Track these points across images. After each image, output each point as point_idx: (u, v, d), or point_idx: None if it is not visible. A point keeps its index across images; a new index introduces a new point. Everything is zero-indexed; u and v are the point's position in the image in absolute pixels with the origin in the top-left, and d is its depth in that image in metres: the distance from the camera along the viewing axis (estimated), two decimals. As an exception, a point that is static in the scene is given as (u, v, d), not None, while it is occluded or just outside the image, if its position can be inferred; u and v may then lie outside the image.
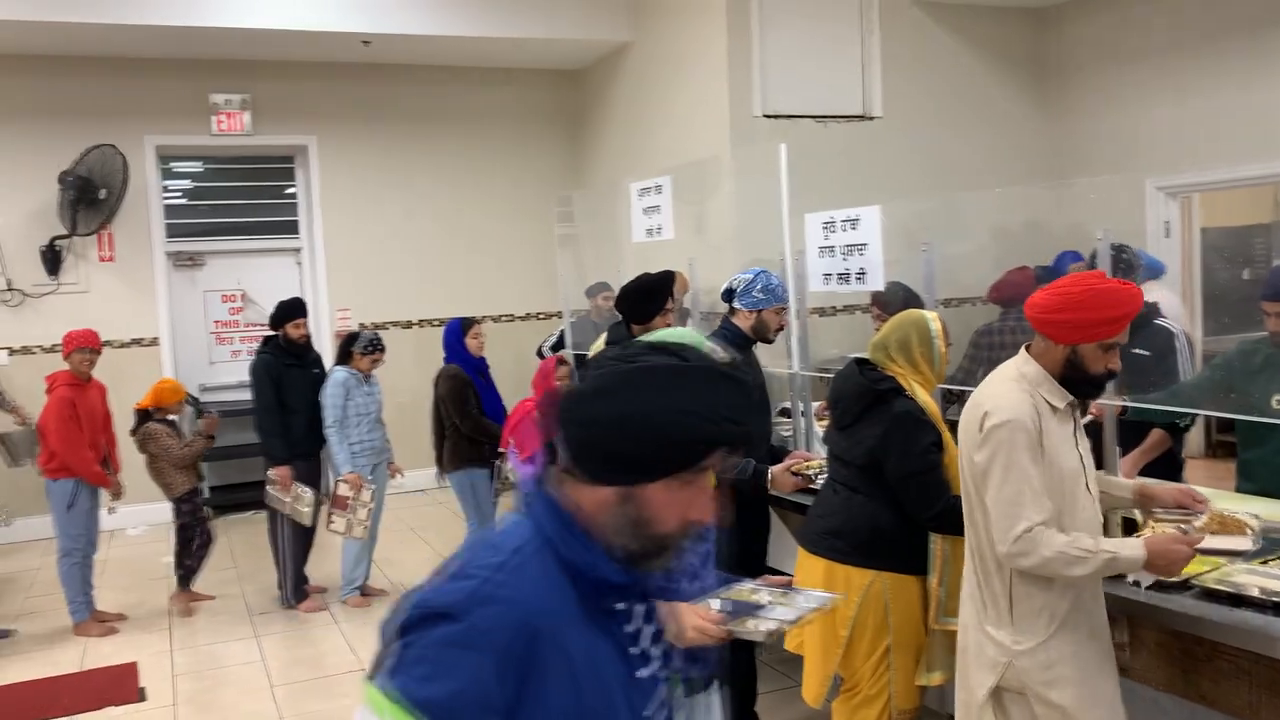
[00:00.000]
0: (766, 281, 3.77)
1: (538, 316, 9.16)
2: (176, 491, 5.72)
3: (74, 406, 5.46)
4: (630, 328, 4.20)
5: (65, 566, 5.60)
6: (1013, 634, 2.47)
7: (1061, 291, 2.45)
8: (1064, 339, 2.44)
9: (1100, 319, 2.40)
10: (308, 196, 8.73)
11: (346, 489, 5.60)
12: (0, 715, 4.57)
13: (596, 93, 9.04)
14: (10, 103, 7.73)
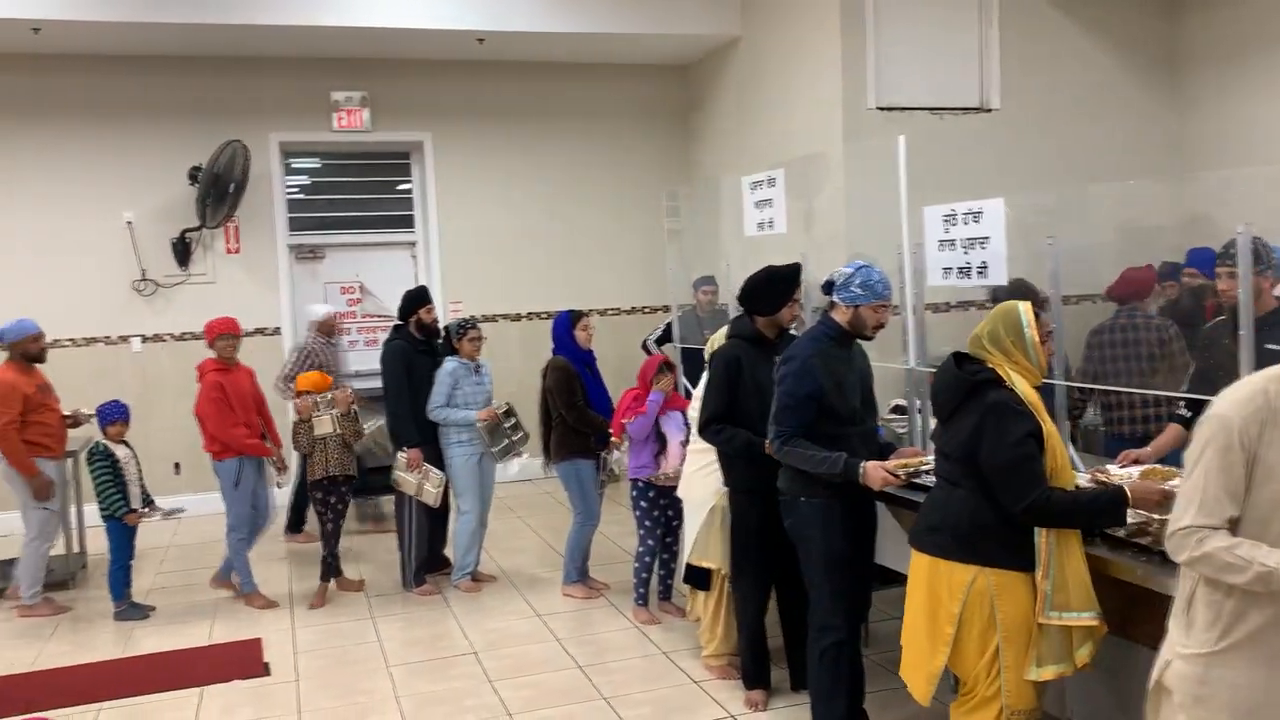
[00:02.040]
0: (866, 277, 3.67)
1: (643, 310, 9.21)
2: (314, 474, 5.89)
3: (222, 389, 5.75)
4: (754, 319, 4.17)
5: (233, 541, 5.90)
6: (1184, 634, 2.32)
7: None
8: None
9: None
10: (422, 191, 8.95)
11: (489, 427, 5.81)
12: (138, 683, 4.81)
13: (705, 88, 9.05)
14: (143, 101, 8.11)
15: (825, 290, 3.78)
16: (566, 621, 5.40)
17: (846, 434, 3.66)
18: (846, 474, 3.49)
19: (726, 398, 4.12)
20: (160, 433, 7.75)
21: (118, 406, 5.77)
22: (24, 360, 5.82)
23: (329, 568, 5.95)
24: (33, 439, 5.71)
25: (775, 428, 3.67)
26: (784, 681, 4.42)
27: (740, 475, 4.20)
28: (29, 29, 7.10)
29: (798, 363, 3.64)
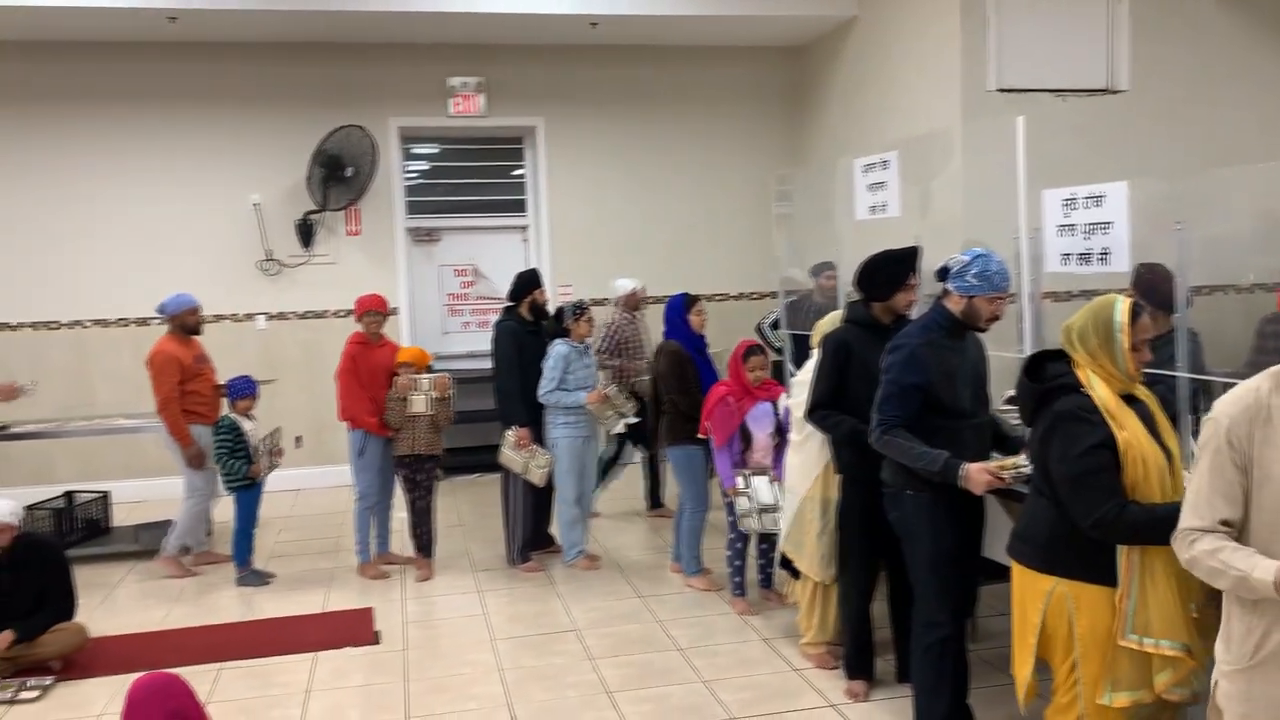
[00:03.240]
0: (983, 267, 3.49)
1: (751, 296, 9.15)
2: (399, 450, 5.99)
3: (355, 362, 5.95)
4: (870, 304, 4.08)
5: (358, 510, 6.11)
6: (1224, 651, 2.25)
7: None
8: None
9: None
10: (535, 176, 9.06)
11: (599, 407, 5.87)
12: (257, 646, 5.02)
13: (818, 69, 8.91)
14: (270, 88, 8.41)
15: (939, 277, 3.63)
16: (668, 604, 5.42)
17: (956, 427, 3.53)
18: (946, 474, 3.37)
19: (834, 383, 4.05)
20: (282, 408, 8.04)
21: (247, 382, 6.02)
22: (182, 332, 6.15)
23: (425, 543, 6.09)
24: (188, 407, 6.03)
25: (876, 416, 3.58)
26: (889, 673, 4.36)
27: (846, 462, 4.13)
28: (166, 19, 7.44)
29: (905, 351, 3.54)
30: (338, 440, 8.53)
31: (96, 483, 7.57)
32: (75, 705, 4.41)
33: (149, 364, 6.02)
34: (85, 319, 8.22)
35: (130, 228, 8.24)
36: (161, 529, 6.78)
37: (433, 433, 5.93)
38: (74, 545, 6.51)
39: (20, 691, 4.50)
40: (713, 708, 4.18)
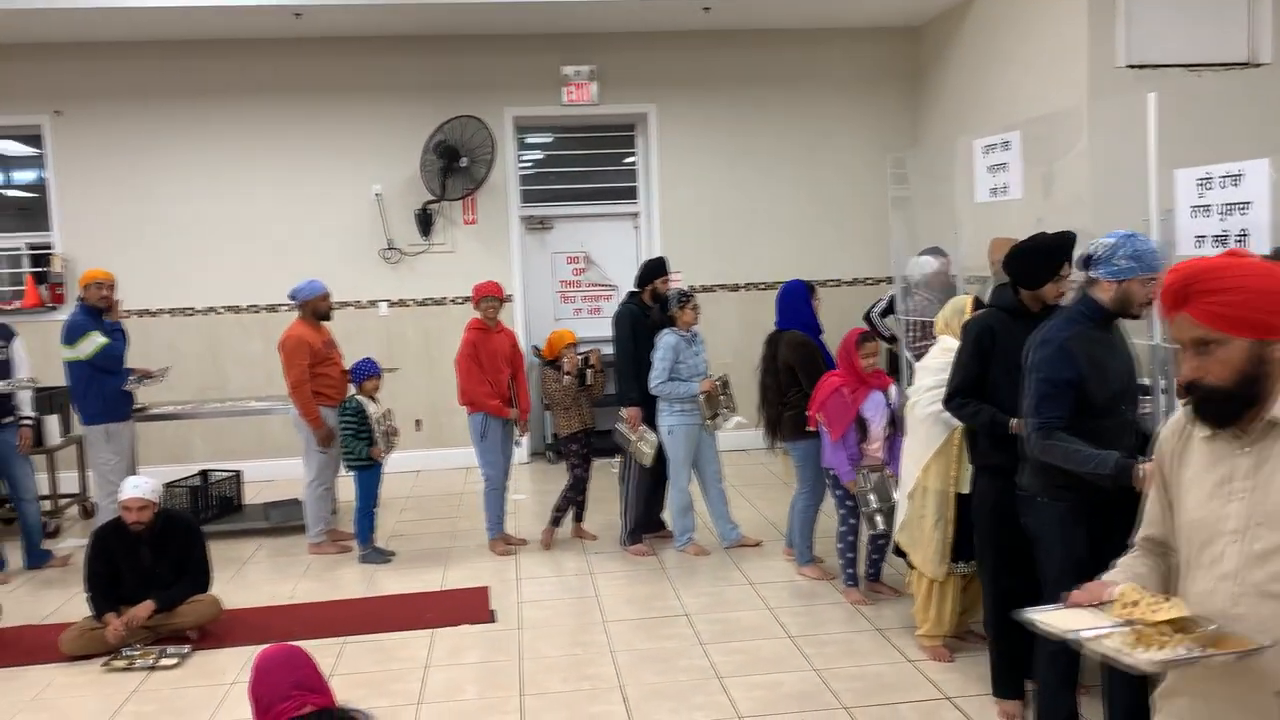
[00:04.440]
0: (1135, 247, 3.25)
1: (865, 282, 9.01)
2: (561, 432, 6.25)
3: (475, 348, 6.12)
4: (1018, 291, 3.83)
5: (486, 490, 6.29)
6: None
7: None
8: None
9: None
10: (646, 163, 9.09)
11: (709, 400, 5.89)
12: (378, 622, 5.20)
13: (936, 48, 8.69)
14: (390, 80, 8.63)
15: (1083, 266, 3.37)
16: (779, 591, 5.40)
17: (1101, 427, 3.29)
18: (1119, 477, 3.08)
19: (976, 370, 3.85)
20: (403, 391, 8.29)
21: (371, 365, 6.23)
22: (313, 317, 6.39)
23: (577, 510, 6.39)
24: (317, 389, 6.27)
25: (1036, 420, 3.29)
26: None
27: (983, 453, 3.93)
28: (291, 14, 7.71)
29: (1053, 347, 3.29)
30: (455, 424, 8.74)
31: (229, 462, 7.94)
32: (210, 673, 4.64)
33: (281, 348, 6.28)
34: (218, 306, 8.61)
35: (260, 218, 8.59)
36: (288, 507, 7.08)
37: (591, 407, 6.24)
38: (208, 521, 6.85)
39: (160, 658, 4.76)
40: (824, 696, 4.15)
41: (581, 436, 6.23)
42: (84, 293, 6.29)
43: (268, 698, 2.61)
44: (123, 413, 6.32)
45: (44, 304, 8.43)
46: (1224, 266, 1.90)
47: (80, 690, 4.54)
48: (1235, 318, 1.85)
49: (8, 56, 8.23)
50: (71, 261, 8.43)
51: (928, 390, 4.34)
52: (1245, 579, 1.89)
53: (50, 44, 8.22)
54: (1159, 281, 3.31)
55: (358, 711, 2.66)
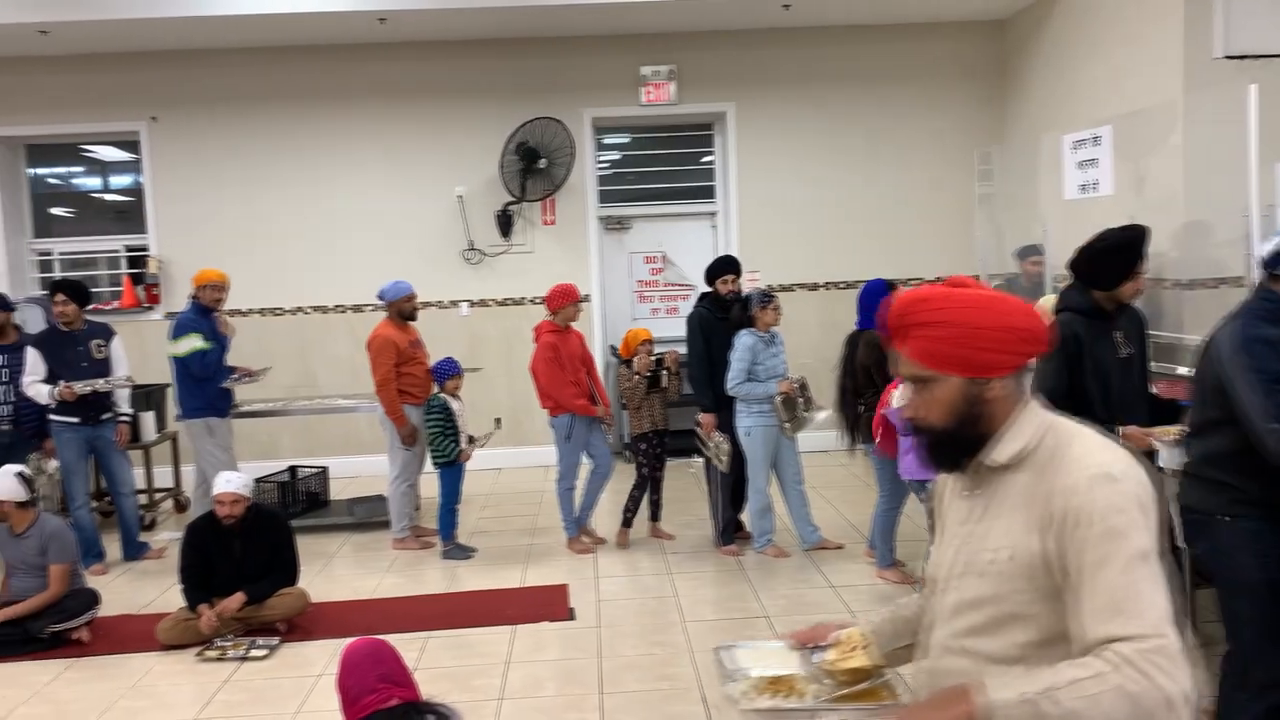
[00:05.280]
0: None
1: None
2: (632, 431, 6.28)
3: (556, 350, 6.17)
4: (1090, 291, 3.71)
5: (561, 490, 6.36)
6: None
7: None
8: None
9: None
10: (724, 162, 9.06)
11: (787, 401, 5.82)
12: (460, 617, 5.27)
13: (1021, 42, 8.51)
14: (470, 82, 8.75)
15: (1269, 266, 3.11)
16: (860, 595, 5.34)
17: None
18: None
19: (1065, 379, 3.66)
20: (484, 390, 8.40)
21: (452, 364, 6.33)
22: (399, 317, 6.51)
23: (654, 509, 6.39)
24: (402, 388, 6.38)
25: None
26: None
27: None
28: (376, 20, 7.86)
29: (1256, 344, 2.99)
30: (535, 422, 8.81)
31: (316, 458, 8.13)
32: (298, 665, 4.76)
33: (368, 347, 6.40)
34: (306, 306, 8.82)
35: (345, 220, 8.77)
36: (373, 503, 7.22)
37: (664, 408, 6.27)
38: (296, 516, 7.03)
39: (251, 649, 4.89)
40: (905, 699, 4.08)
41: (651, 437, 6.25)
42: (198, 292, 6.47)
43: (355, 690, 2.66)
44: (222, 409, 6.50)
45: (140, 304, 8.73)
46: (935, 298, 1.75)
47: (176, 678, 4.69)
48: (946, 354, 1.71)
49: (107, 66, 8.54)
50: (166, 263, 8.72)
51: None
52: (944, 632, 1.79)
53: (147, 53, 8.51)
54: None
55: (442, 705, 2.70)
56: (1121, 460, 1.65)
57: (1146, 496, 1.63)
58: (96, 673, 4.78)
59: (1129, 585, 1.54)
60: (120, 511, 6.54)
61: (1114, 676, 1.49)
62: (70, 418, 6.23)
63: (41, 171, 9.16)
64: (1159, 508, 1.65)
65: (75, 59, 8.50)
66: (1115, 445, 1.70)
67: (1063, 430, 1.72)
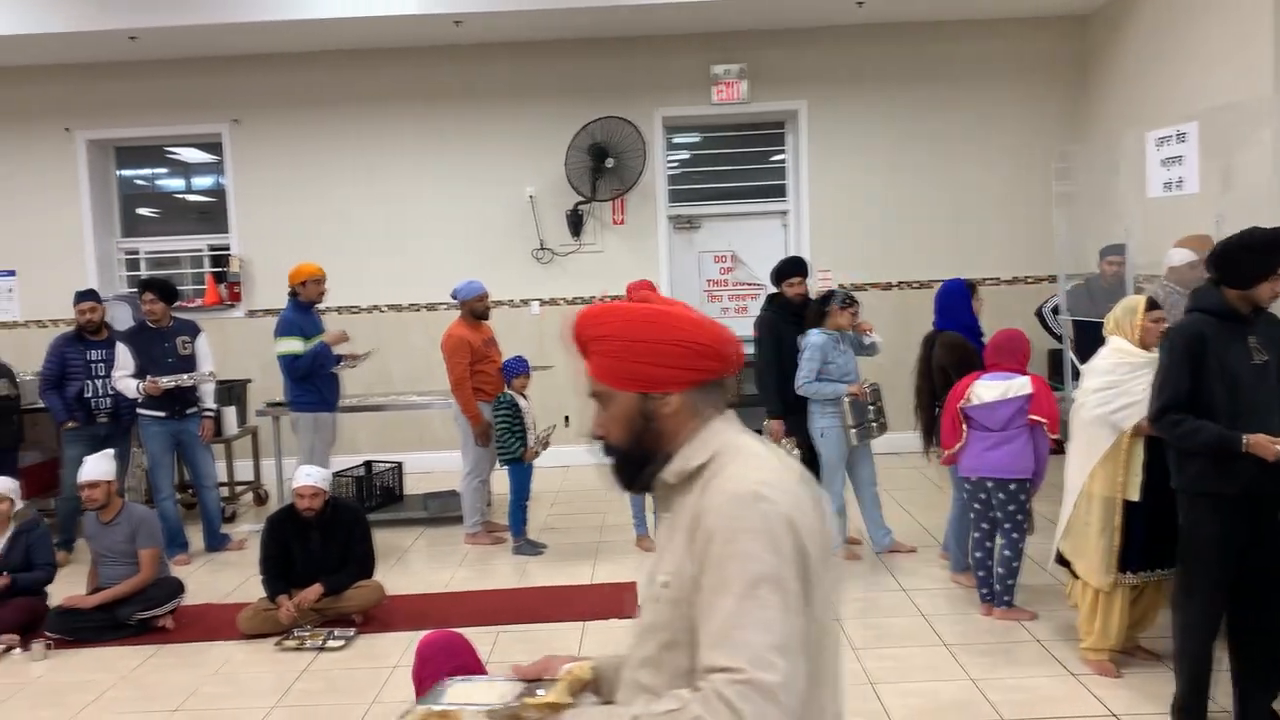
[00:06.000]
0: None
1: (1025, 281, 8.69)
2: None
3: None
4: (1225, 292, 3.54)
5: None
6: None
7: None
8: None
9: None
10: (795, 160, 9.01)
11: (857, 405, 5.76)
12: (530, 612, 5.32)
13: (1103, 38, 8.31)
14: (543, 83, 8.82)
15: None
16: (933, 598, 5.27)
17: None
18: None
19: (1187, 383, 3.52)
20: (553, 388, 8.44)
21: (521, 362, 6.39)
22: (472, 316, 6.59)
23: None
24: (475, 385, 6.46)
25: None
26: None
27: (1199, 476, 3.56)
28: (452, 22, 7.97)
29: None
30: (603, 421, 8.85)
31: (391, 454, 8.27)
32: (374, 656, 4.85)
33: (442, 347, 6.49)
34: (382, 304, 8.98)
35: (420, 219, 8.91)
36: (446, 498, 7.33)
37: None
38: (372, 510, 7.15)
39: (328, 640, 5.00)
40: (981, 707, 4.03)
41: None
42: (300, 289, 6.52)
43: (429, 681, 2.71)
44: (331, 402, 6.61)
45: (222, 302, 8.97)
46: (604, 313, 1.72)
47: (256, 666, 4.81)
48: (616, 369, 1.68)
49: (192, 71, 8.79)
50: (248, 262, 8.95)
51: (1094, 392, 4.16)
52: (630, 661, 1.73)
53: (230, 57, 8.74)
54: None
55: (515, 699, 2.73)
56: (777, 483, 1.58)
57: (792, 522, 1.54)
58: (180, 659, 4.93)
59: (740, 614, 1.48)
60: (203, 504, 6.73)
61: (695, 708, 1.45)
62: (157, 411, 6.43)
63: (128, 173, 9.47)
64: (815, 534, 1.57)
65: (162, 64, 8.76)
66: (780, 466, 1.62)
67: (733, 448, 1.66)
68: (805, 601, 1.53)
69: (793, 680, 1.46)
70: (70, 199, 8.96)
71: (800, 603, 1.51)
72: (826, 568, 1.61)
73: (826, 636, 1.65)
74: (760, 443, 1.69)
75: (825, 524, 1.65)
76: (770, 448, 1.67)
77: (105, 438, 6.38)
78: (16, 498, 5.45)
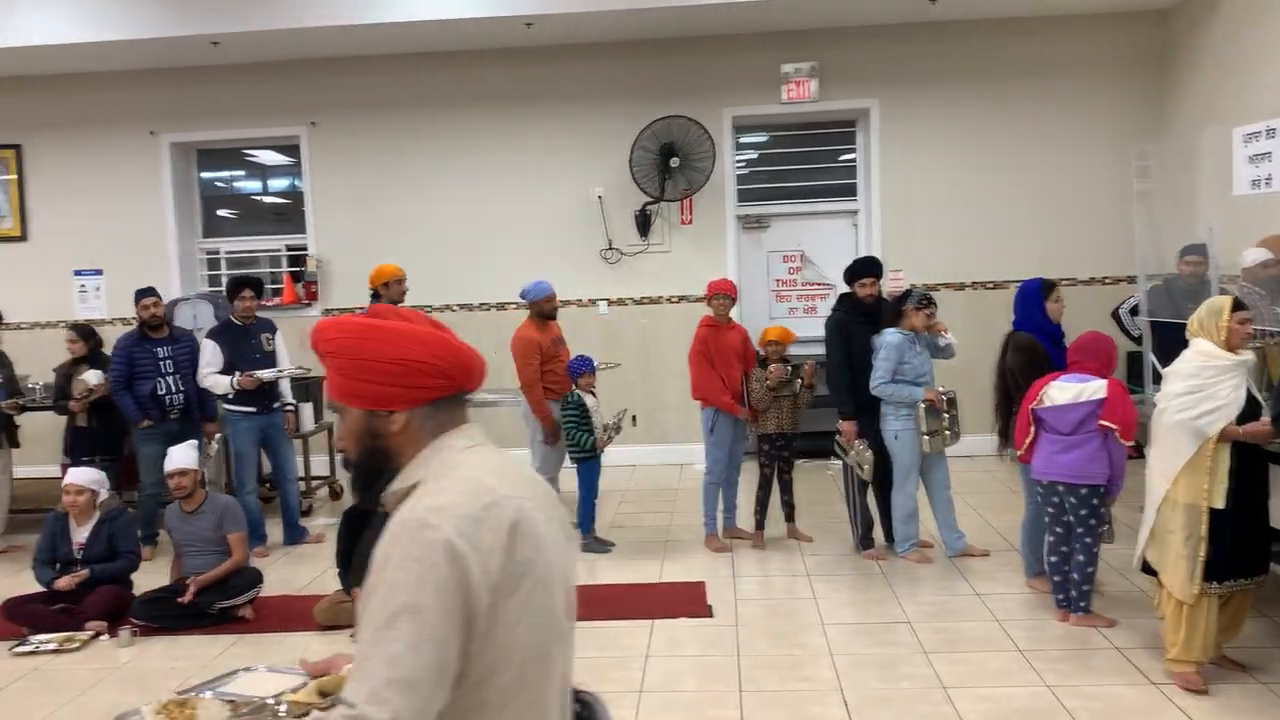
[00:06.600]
0: None
1: (1103, 281, 8.50)
2: (758, 430, 6.29)
3: (706, 344, 6.24)
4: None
5: (705, 484, 6.41)
6: None
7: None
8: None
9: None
10: (866, 159, 8.93)
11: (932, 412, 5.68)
12: (600, 609, 5.34)
13: (1185, 33, 8.10)
14: (611, 84, 8.86)
15: None
16: (1006, 603, 5.19)
17: None
18: None
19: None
20: (620, 388, 8.49)
21: (585, 361, 6.43)
22: (539, 317, 6.65)
23: (788, 510, 6.38)
24: (545, 384, 6.51)
25: None
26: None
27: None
28: (523, 24, 8.05)
29: None
30: (670, 419, 8.90)
31: (460, 451, 8.36)
32: (447, 649, 4.91)
33: (512, 349, 6.55)
34: (452, 304, 9.10)
35: (490, 220, 9.01)
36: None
37: (794, 411, 6.22)
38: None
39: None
40: (1058, 714, 3.95)
41: (776, 439, 6.23)
42: (383, 290, 6.64)
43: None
44: None
45: (299, 300, 9.17)
46: (329, 328, 1.69)
47: (332, 657, 4.91)
48: (342, 385, 1.66)
49: (270, 74, 9.00)
50: (324, 261, 9.13)
51: (1177, 396, 4.06)
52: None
53: (307, 60, 8.93)
54: None
55: (586, 692, 2.75)
56: (452, 508, 1.53)
57: (454, 550, 1.48)
58: (259, 648, 5.05)
59: (372, 646, 1.47)
60: (283, 497, 6.88)
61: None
62: (246, 407, 6.57)
63: (207, 175, 9.72)
64: (494, 559, 1.51)
65: (242, 68, 8.99)
66: (469, 490, 1.56)
67: (448, 468, 1.63)
68: (466, 632, 1.51)
69: (407, 716, 1.45)
70: (154, 200, 9.24)
71: (445, 633, 1.48)
72: (529, 591, 1.57)
73: (534, 662, 1.60)
74: (482, 461, 1.65)
75: (542, 544, 1.60)
76: (492, 465, 1.64)
77: (178, 434, 6.54)
78: (102, 488, 5.63)
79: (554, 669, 1.66)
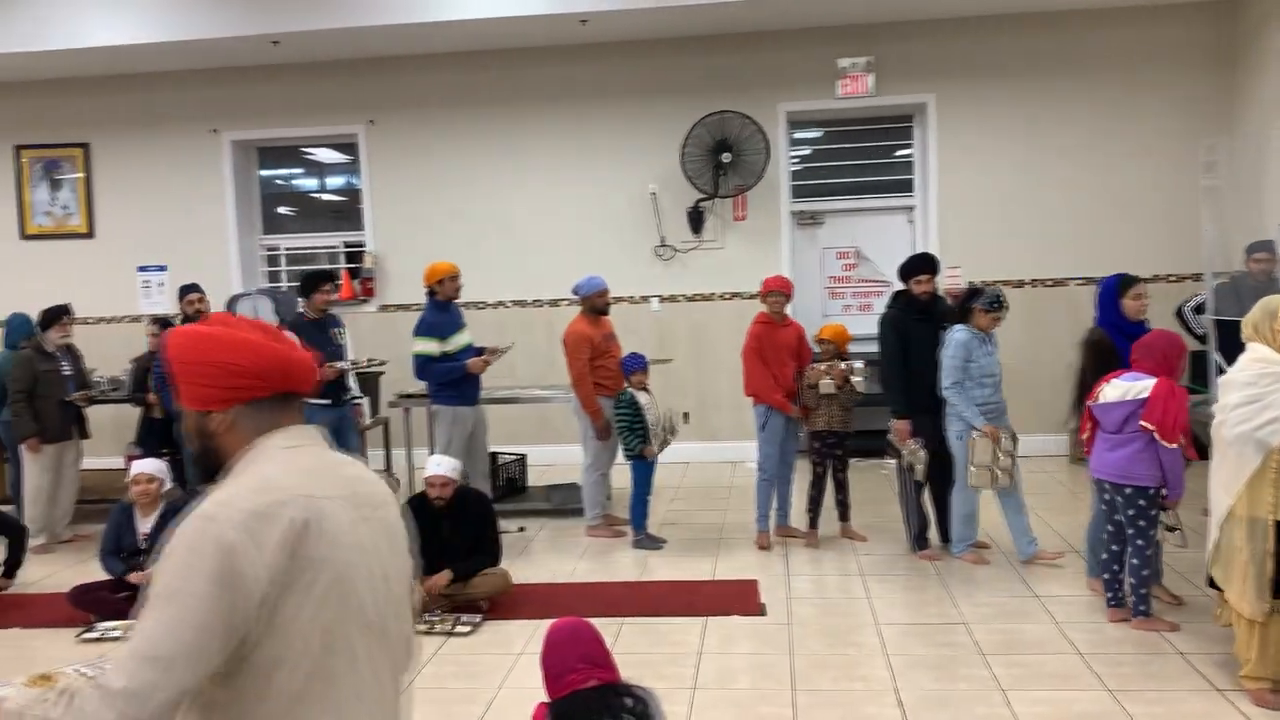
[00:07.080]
0: None
1: (1169, 279, 8.30)
2: (809, 427, 6.27)
3: (760, 341, 6.22)
4: None
5: (758, 480, 6.39)
6: None
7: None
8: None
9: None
10: (923, 154, 8.82)
11: (985, 445, 5.52)
12: (652, 605, 5.35)
13: (1255, 24, 7.89)
14: (665, 80, 8.85)
15: None
16: (1066, 605, 5.10)
17: None
18: None
19: None
20: (673, 385, 8.48)
21: (637, 358, 6.43)
22: (592, 312, 6.66)
23: (842, 509, 6.36)
24: (596, 380, 6.53)
25: None
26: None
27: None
28: (578, 21, 8.07)
29: None
30: (722, 417, 8.88)
31: (515, 446, 8.42)
32: (500, 642, 4.95)
33: (564, 343, 6.58)
34: (507, 300, 9.16)
35: (544, 217, 9.06)
36: (568, 490, 7.43)
37: (845, 412, 6.19)
38: (497, 500, 7.28)
39: (457, 625, 5.13)
40: (1120, 719, 3.88)
41: (827, 436, 6.22)
42: (438, 288, 6.60)
43: (557, 668, 2.76)
44: (470, 396, 6.69)
45: (356, 297, 9.29)
46: (172, 334, 1.83)
47: (388, 648, 4.96)
48: (179, 388, 1.78)
49: (329, 74, 9.13)
50: (381, 258, 9.24)
51: (1235, 408, 3.88)
52: None
53: (365, 59, 9.04)
54: None
55: (640, 688, 2.76)
56: (238, 502, 1.63)
57: (226, 544, 1.57)
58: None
59: (139, 626, 1.57)
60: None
61: (53, 699, 1.52)
62: (321, 400, 6.64)
63: (266, 173, 9.88)
64: (273, 554, 1.59)
65: (301, 67, 9.12)
66: (259, 487, 1.66)
67: (244, 468, 1.73)
68: (240, 620, 1.58)
69: (148, 690, 1.52)
70: (215, 197, 9.41)
71: (206, 620, 1.56)
72: (324, 587, 1.65)
73: (331, 655, 1.68)
74: (291, 461, 1.74)
75: (340, 542, 1.69)
76: (302, 465, 1.73)
77: None
78: (166, 478, 5.74)
79: (364, 663, 1.74)
